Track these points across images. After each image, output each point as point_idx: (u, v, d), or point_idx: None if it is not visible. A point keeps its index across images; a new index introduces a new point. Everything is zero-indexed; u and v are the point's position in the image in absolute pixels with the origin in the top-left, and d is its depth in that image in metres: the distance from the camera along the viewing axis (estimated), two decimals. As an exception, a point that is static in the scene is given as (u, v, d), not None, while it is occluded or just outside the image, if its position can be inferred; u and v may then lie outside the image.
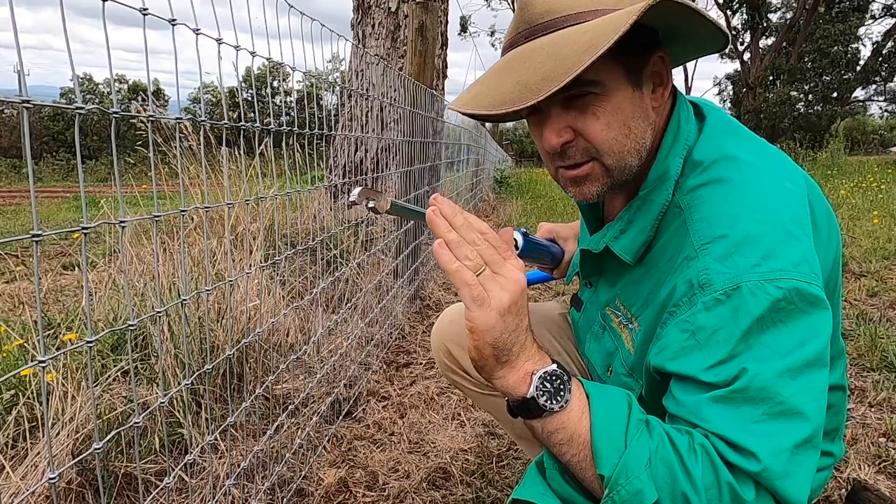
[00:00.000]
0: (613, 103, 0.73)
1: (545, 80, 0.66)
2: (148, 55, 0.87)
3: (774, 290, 0.64)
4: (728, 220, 0.70)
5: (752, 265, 0.66)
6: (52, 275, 3.39)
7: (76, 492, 1.33)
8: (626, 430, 0.65)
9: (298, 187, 1.55)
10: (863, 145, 31.22)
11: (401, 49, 4.19)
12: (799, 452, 0.63)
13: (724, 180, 0.74)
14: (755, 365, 0.63)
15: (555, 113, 0.75)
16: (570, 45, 0.67)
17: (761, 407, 0.63)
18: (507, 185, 11.16)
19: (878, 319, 2.75)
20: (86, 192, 0.76)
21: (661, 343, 0.72)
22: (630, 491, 0.62)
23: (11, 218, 7.55)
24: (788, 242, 0.67)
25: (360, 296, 2.39)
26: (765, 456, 0.61)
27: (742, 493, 0.62)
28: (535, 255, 1.15)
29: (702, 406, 0.65)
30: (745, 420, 0.63)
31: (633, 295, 0.82)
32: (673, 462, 0.62)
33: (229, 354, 1.28)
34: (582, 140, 0.75)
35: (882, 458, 1.65)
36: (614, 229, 0.83)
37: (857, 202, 6.60)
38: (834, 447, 0.89)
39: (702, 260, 0.69)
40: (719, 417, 0.64)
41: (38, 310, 0.70)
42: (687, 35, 0.77)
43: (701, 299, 0.67)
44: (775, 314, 0.65)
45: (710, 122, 0.82)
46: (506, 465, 1.63)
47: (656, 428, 0.66)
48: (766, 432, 0.62)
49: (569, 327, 1.25)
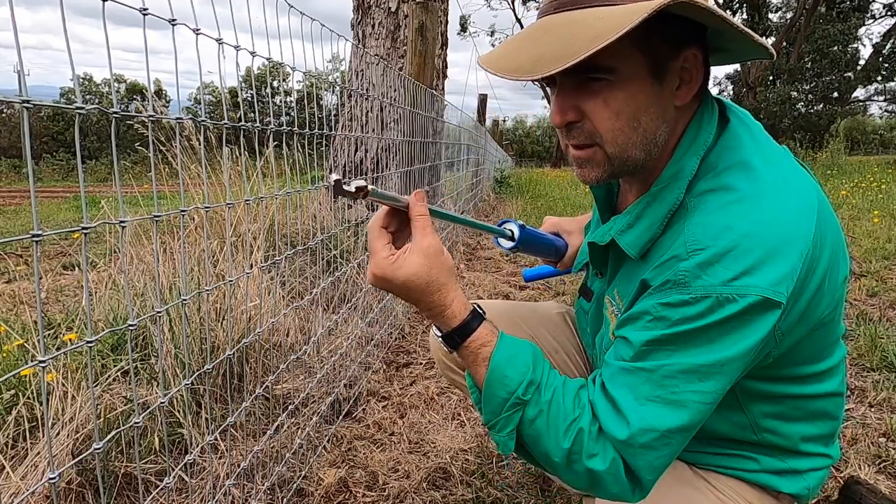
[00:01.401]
0: (627, 93, 0.72)
1: (553, 60, 0.67)
2: (148, 55, 0.87)
3: (742, 303, 0.67)
4: (722, 230, 0.70)
5: (729, 278, 0.67)
6: (52, 275, 3.39)
7: (76, 492, 1.33)
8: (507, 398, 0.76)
9: (298, 187, 1.55)
10: (863, 145, 31.18)
11: (401, 49, 4.19)
12: (667, 438, 0.71)
13: (732, 189, 0.73)
14: (680, 357, 0.70)
15: (566, 90, 0.74)
16: (584, 28, 0.67)
17: (658, 391, 0.71)
18: (507, 185, 11.16)
19: (878, 319, 2.75)
20: (86, 192, 0.76)
21: (625, 315, 0.77)
22: (496, 441, 0.79)
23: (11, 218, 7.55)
24: (774, 261, 0.67)
25: (360, 296, 2.39)
26: (634, 427, 0.70)
27: (594, 465, 0.73)
28: (534, 247, 1.14)
29: (615, 371, 0.75)
30: (638, 394, 0.72)
31: (625, 285, 0.83)
32: (542, 432, 0.75)
33: (229, 354, 1.28)
34: (588, 123, 0.75)
35: (882, 458, 1.65)
36: (622, 223, 0.82)
37: (857, 202, 6.60)
38: (830, 450, 0.89)
39: (687, 262, 0.70)
40: (620, 383, 0.73)
41: (39, 310, 0.70)
42: (728, 39, 0.76)
43: (673, 294, 0.70)
44: (729, 322, 0.68)
45: (732, 126, 0.80)
46: (506, 464, 1.64)
47: (544, 397, 0.76)
48: (649, 411, 0.71)
49: (567, 326, 1.25)
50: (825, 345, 0.82)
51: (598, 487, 0.75)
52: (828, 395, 0.84)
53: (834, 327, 0.82)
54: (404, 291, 0.78)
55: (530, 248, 1.13)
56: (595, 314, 0.97)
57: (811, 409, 0.84)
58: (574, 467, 0.74)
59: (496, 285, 3.52)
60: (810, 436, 0.85)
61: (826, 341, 0.81)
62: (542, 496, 1.49)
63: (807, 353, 0.79)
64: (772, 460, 0.85)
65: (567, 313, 1.27)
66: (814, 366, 0.82)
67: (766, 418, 0.83)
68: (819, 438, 0.87)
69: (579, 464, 0.74)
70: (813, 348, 0.80)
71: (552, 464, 0.77)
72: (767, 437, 0.84)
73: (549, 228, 1.24)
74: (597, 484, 0.74)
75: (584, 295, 1.04)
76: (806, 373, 0.81)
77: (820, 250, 0.72)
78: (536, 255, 1.20)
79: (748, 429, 0.84)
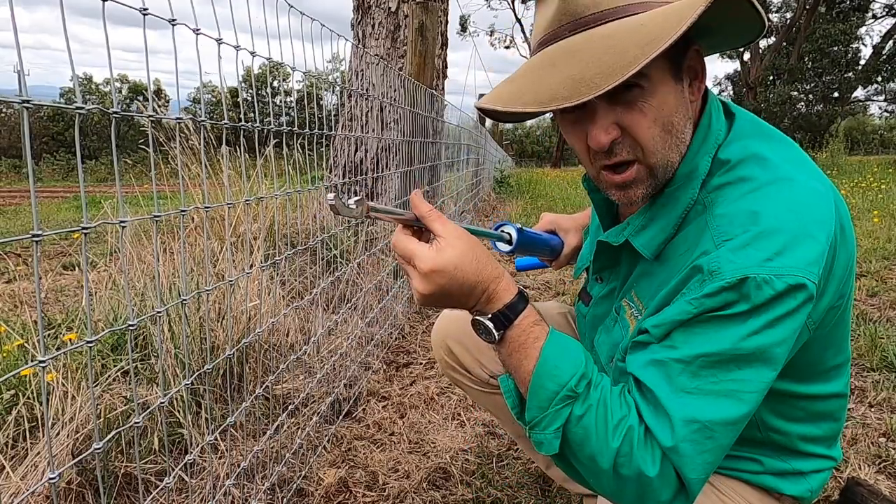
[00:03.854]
0: (659, 98, 0.71)
1: (603, 75, 0.64)
2: (148, 55, 0.87)
3: (780, 284, 0.65)
4: (748, 217, 0.69)
5: (763, 259, 0.65)
6: (52, 275, 3.39)
7: (76, 492, 1.33)
8: (558, 391, 0.71)
9: (298, 187, 1.55)
10: (863, 145, 31.17)
11: (401, 49, 4.19)
12: (709, 430, 0.67)
13: (750, 179, 0.72)
14: (717, 345, 0.67)
15: (602, 110, 0.72)
16: (629, 36, 0.65)
17: (696, 381, 0.68)
18: (507, 185, 11.16)
19: (878, 319, 2.75)
20: (86, 192, 0.76)
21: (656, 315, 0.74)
22: (538, 440, 0.73)
23: (11, 218, 7.55)
24: (806, 242, 0.67)
25: (360, 296, 2.39)
26: (676, 420, 0.67)
27: (644, 468, 0.68)
28: (531, 247, 1.16)
29: (650, 367, 0.71)
30: (676, 387, 0.68)
31: (646, 287, 0.82)
32: (591, 430, 0.70)
33: (229, 354, 1.28)
34: (629, 137, 0.73)
35: (882, 458, 1.65)
36: (635, 224, 0.82)
37: (857, 202, 6.60)
38: (833, 452, 0.89)
39: (717, 251, 0.69)
40: (657, 378, 0.70)
41: (39, 310, 0.70)
42: (720, 28, 0.75)
43: (707, 285, 0.67)
44: (767, 306, 0.66)
45: (739, 121, 0.80)
46: (506, 465, 1.63)
47: (593, 394, 0.71)
48: (689, 402, 0.67)
49: (569, 326, 1.25)
50: (834, 342, 0.81)
51: (647, 494, 0.70)
52: (832, 397, 0.84)
53: (845, 322, 0.82)
54: (459, 277, 0.71)
55: (527, 248, 1.15)
56: (592, 318, 0.97)
57: (815, 410, 0.84)
58: (622, 471, 0.69)
59: (496, 285, 3.51)
60: (813, 437, 0.85)
61: (835, 338, 0.81)
62: (542, 496, 1.49)
63: (817, 349, 0.79)
64: (774, 461, 0.85)
65: (569, 313, 1.27)
66: (821, 364, 0.82)
67: (772, 416, 0.83)
68: (822, 440, 0.87)
69: (628, 467, 0.68)
70: (823, 344, 0.79)
71: (597, 470, 0.71)
72: (772, 435, 0.84)
73: (547, 225, 1.24)
74: (645, 490, 0.69)
75: (582, 299, 1.03)
76: (813, 370, 0.81)
77: (841, 234, 0.72)
78: (533, 254, 1.21)
79: (753, 426, 0.83)
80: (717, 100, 0.82)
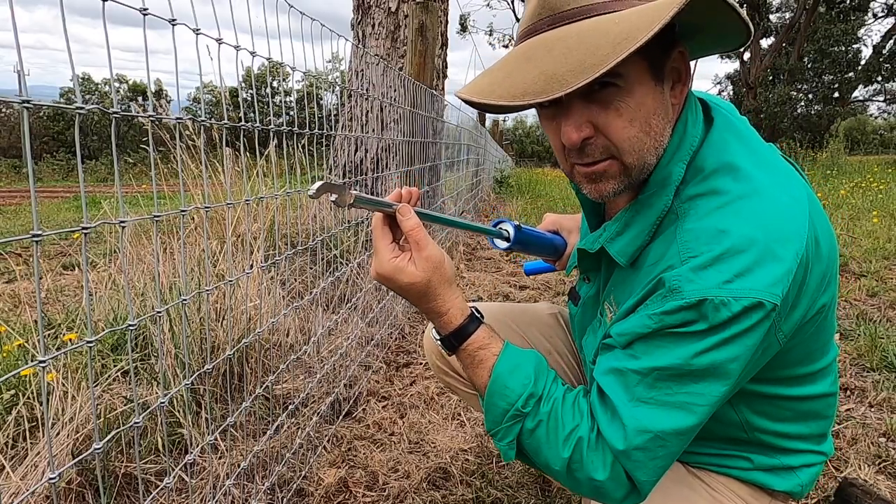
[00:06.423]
0: (636, 98, 0.70)
1: (574, 72, 0.63)
2: (148, 55, 0.87)
3: (737, 306, 0.66)
4: (714, 235, 0.69)
5: (723, 281, 0.66)
6: (52, 275, 3.39)
7: (76, 492, 1.33)
8: (508, 409, 0.77)
9: (298, 187, 1.55)
10: (863, 145, 31.17)
11: (401, 49, 4.19)
12: (661, 440, 0.71)
13: (721, 192, 0.72)
14: (673, 359, 0.70)
15: (576, 107, 0.71)
16: (602, 34, 0.64)
17: (651, 392, 0.71)
18: (507, 185, 11.16)
19: (878, 319, 2.75)
20: (86, 192, 0.76)
21: (621, 322, 0.77)
22: (498, 448, 0.80)
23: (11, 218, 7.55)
24: (769, 263, 0.67)
25: (360, 296, 2.39)
26: (629, 428, 0.71)
27: (594, 474, 0.73)
28: (532, 246, 1.14)
29: (611, 374, 0.75)
30: (633, 396, 0.72)
31: (621, 293, 0.82)
32: (542, 442, 0.76)
33: (229, 354, 1.28)
34: (602, 137, 0.72)
35: (882, 458, 1.65)
36: (611, 230, 0.82)
37: (857, 202, 6.60)
38: (823, 447, 0.89)
39: (681, 268, 0.69)
40: (615, 386, 0.74)
41: (39, 310, 0.70)
42: (706, 31, 0.74)
43: (668, 302, 0.69)
44: (723, 326, 0.67)
45: (716, 126, 0.79)
46: (506, 465, 1.63)
47: (543, 409, 0.77)
48: (642, 412, 0.71)
49: (559, 326, 1.24)
50: (817, 346, 0.81)
51: (601, 494, 0.75)
52: (819, 397, 0.85)
53: (827, 327, 0.81)
54: (403, 293, 0.82)
55: (528, 247, 1.13)
56: (581, 318, 0.97)
57: (802, 410, 0.85)
58: (575, 475, 0.75)
59: (496, 285, 3.52)
60: (802, 434, 0.86)
61: (818, 343, 0.81)
62: (542, 496, 1.49)
63: (799, 355, 0.79)
64: (764, 458, 0.86)
65: (560, 314, 1.26)
66: (805, 367, 0.81)
67: (757, 418, 0.83)
68: (810, 437, 0.87)
69: (581, 472, 0.74)
70: (805, 349, 0.79)
71: (553, 473, 0.78)
72: (758, 435, 0.84)
73: (549, 226, 1.23)
74: (599, 490, 0.74)
75: (571, 298, 1.03)
76: (797, 374, 0.81)
77: (815, 248, 0.71)
78: (534, 254, 1.19)
79: (739, 427, 0.84)
80: (696, 101, 0.81)
